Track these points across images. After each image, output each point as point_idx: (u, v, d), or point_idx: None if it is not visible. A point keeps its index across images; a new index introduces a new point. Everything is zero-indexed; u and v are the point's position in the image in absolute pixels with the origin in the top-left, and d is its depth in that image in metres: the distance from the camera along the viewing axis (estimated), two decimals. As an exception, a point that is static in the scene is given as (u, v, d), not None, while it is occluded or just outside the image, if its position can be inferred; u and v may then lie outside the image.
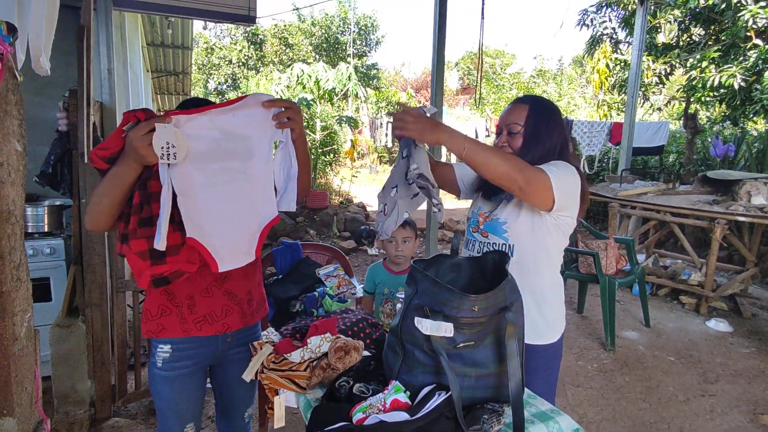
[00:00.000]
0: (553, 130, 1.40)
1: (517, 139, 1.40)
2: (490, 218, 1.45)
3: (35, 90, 2.98)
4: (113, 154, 1.18)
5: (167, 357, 1.39)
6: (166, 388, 1.42)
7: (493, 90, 16.96)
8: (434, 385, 1.10)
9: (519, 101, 1.45)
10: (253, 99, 1.27)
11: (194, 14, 3.39)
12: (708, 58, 5.94)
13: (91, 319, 2.33)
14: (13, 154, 1.30)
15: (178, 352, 1.40)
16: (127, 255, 1.20)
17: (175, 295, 1.37)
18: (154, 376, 1.42)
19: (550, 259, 1.43)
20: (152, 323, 1.38)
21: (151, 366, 1.43)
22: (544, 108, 1.41)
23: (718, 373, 3.15)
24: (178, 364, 1.40)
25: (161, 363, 1.40)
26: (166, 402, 1.43)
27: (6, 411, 1.42)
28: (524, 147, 1.39)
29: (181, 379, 1.42)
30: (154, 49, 6.86)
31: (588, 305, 4.28)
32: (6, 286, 1.31)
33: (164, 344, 1.39)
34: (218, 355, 1.48)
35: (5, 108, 1.26)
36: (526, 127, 1.39)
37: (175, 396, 1.43)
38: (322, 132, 9.12)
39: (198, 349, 1.43)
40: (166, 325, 1.37)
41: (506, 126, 1.43)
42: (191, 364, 1.43)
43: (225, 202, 1.24)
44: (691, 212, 4.17)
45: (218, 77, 17.42)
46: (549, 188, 1.26)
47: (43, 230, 2.75)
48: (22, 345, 1.41)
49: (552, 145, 1.39)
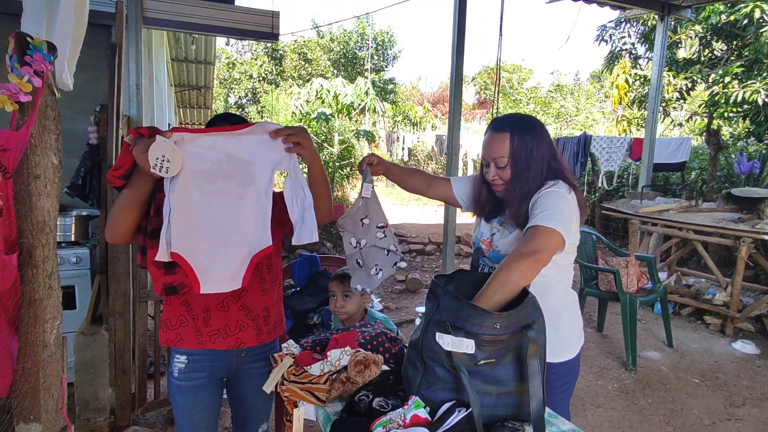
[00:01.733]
0: (540, 146, 1.36)
1: (506, 171, 1.38)
2: (492, 248, 1.46)
3: (66, 104, 3.08)
4: (127, 170, 1.23)
5: (183, 367, 1.43)
6: (182, 397, 1.45)
7: (510, 105, 16.95)
8: (454, 402, 1.09)
9: (497, 130, 1.39)
10: (261, 127, 1.28)
11: (221, 32, 3.50)
12: (731, 73, 5.86)
13: (114, 328, 2.38)
14: (50, 167, 1.35)
15: (193, 363, 1.43)
16: (147, 264, 1.25)
17: (192, 307, 1.41)
18: (171, 385, 1.46)
19: (559, 279, 1.42)
20: (171, 333, 1.42)
21: (169, 375, 1.47)
22: (524, 129, 1.37)
23: (745, 397, 3.04)
24: (193, 374, 1.43)
25: (177, 373, 1.43)
26: (181, 411, 1.46)
27: (33, 416, 1.45)
28: (515, 177, 1.37)
29: (195, 390, 1.45)
30: (178, 64, 7.06)
31: (608, 324, 4.20)
32: (38, 293, 1.35)
33: (181, 354, 1.43)
34: (232, 369, 1.50)
35: (44, 123, 1.32)
36: (512, 157, 1.35)
37: (190, 406, 1.46)
38: (340, 146, 9.22)
39: (212, 362, 1.45)
40: (183, 335, 1.41)
41: (492, 159, 1.39)
42: (205, 375, 1.45)
43: (216, 223, 1.25)
44: (715, 230, 4.08)
45: (239, 91, 17.80)
46: (553, 234, 1.23)
47: (70, 239, 2.83)
48: (51, 352, 1.45)
49: (542, 159, 1.37)
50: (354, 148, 10.19)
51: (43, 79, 1.31)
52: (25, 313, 1.36)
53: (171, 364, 1.45)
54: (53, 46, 1.36)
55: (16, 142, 1.25)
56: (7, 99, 1.23)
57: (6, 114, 1.29)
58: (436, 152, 11.98)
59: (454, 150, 4.09)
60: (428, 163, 14.34)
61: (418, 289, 5.30)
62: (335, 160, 9.25)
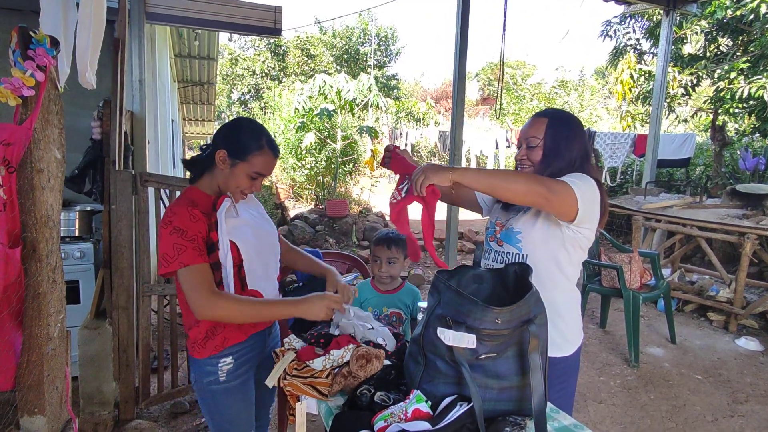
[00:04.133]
0: (573, 142, 1.39)
1: (536, 152, 1.41)
2: (506, 227, 1.46)
3: (69, 99, 3.09)
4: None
5: (231, 368, 1.40)
6: (231, 399, 1.42)
7: (514, 101, 16.89)
8: (456, 396, 1.09)
9: (539, 115, 1.45)
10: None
11: (223, 27, 3.50)
12: (736, 69, 5.82)
13: (118, 322, 2.39)
14: (53, 162, 1.36)
15: (239, 359, 1.43)
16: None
17: None
18: (214, 393, 1.41)
19: (564, 272, 1.41)
20: (218, 338, 1.38)
21: (206, 385, 1.40)
22: (563, 121, 1.42)
23: (748, 394, 3.03)
24: (240, 371, 1.43)
25: (225, 376, 1.40)
26: (229, 415, 1.43)
27: (37, 409, 1.47)
28: (544, 160, 1.40)
29: (243, 386, 1.45)
30: (181, 60, 7.06)
31: (611, 320, 4.19)
32: (42, 287, 1.36)
33: (225, 357, 1.39)
34: (264, 351, 1.53)
35: (47, 117, 1.33)
36: (546, 141, 1.39)
37: (241, 404, 1.45)
38: (343, 141, 9.22)
39: (252, 351, 1.47)
40: (227, 335, 1.39)
41: (525, 140, 1.43)
42: (248, 368, 1.47)
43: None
44: (719, 226, 4.06)
45: (242, 87, 17.81)
46: (574, 198, 1.26)
47: (74, 234, 2.84)
48: (55, 345, 1.47)
49: (572, 157, 1.39)
50: (357, 144, 10.18)
51: (46, 73, 1.31)
52: (29, 306, 1.37)
53: (209, 374, 1.39)
54: (56, 40, 1.36)
55: (19, 136, 1.26)
56: (10, 93, 1.23)
57: (9, 108, 1.30)
58: (440, 148, 11.95)
59: (457, 146, 4.08)
60: (431, 159, 14.32)
61: (421, 284, 5.31)
62: (338, 156, 9.25)
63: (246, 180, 1.35)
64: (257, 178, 1.36)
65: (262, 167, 1.35)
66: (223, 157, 1.34)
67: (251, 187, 1.38)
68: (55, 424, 1.52)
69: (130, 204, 2.35)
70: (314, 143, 8.95)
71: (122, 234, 2.35)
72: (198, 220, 1.29)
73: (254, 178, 1.36)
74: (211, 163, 1.37)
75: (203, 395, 1.43)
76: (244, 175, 1.34)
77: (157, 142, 4.58)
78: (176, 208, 1.30)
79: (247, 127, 1.37)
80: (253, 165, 1.33)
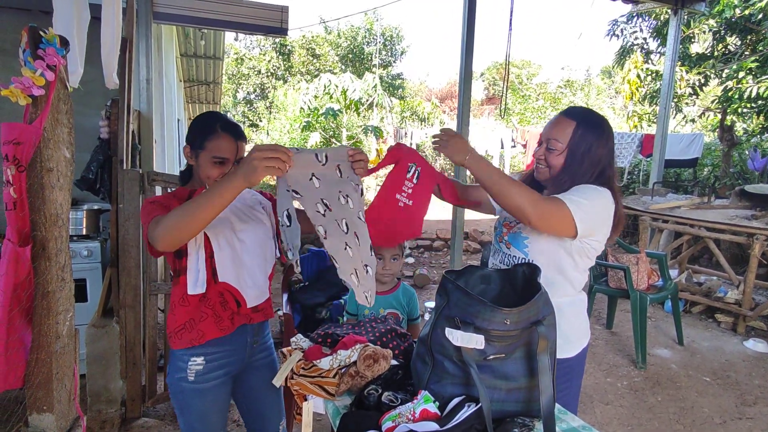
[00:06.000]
0: (599, 148, 1.33)
1: (557, 157, 1.35)
2: (513, 230, 1.44)
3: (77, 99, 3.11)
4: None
5: (200, 369, 1.39)
6: (197, 400, 1.41)
7: (519, 100, 16.83)
8: (464, 397, 1.09)
9: (566, 115, 1.37)
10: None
11: (230, 27, 3.51)
12: (745, 68, 5.77)
13: (125, 321, 2.40)
14: (62, 161, 1.37)
15: (211, 362, 1.40)
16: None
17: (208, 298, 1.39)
18: (183, 390, 1.40)
19: (569, 279, 1.39)
20: (195, 331, 1.37)
21: (177, 381, 1.40)
22: (592, 125, 1.34)
23: (757, 396, 3.01)
24: (211, 375, 1.41)
25: (194, 376, 1.39)
26: (197, 415, 1.42)
27: (46, 407, 1.48)
28: (565, 168, 1.34)
29: (213, 390, 1.42)
30: (187, 60, 7.09)
31: (618, 321, 4.17)
32: (51, 285, 1.37)
33: (197, 356, 1.38)
34: (244, 362, 1.50)
35: (57, 117, 1.33)
36: (570, 147, 1.33)
37: (207, 408, 1.43)
38: (348, 141, 9.23)
39: (229, 357, 1.44)
40: (204, 330, 1.38)
41: (546, 140, 1.38)
42: (222, 374, 1.44)
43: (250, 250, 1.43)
44: (728, 227, 4.02)
45: (247, 87, 17.86)
46: (568, 218, 1.24)
47: (82, 233, 2.86)
48: (64, 343, 1.47)
49: (594, 163, 1.33)
50: (362, 143, 10.19)
51: (55, 72, 1.32)
52: (38, 304, 1.38)
53: (179, 369, 1.38)
54: (65, 40, 1.37)
55: (29, 135, 1.27)
56: (20, 92, 1.24)
57: (19, 107, 1.30)
58: (444, 148, 11.91)
59: (462, 145, 4.06)
60: (437, 158, 14.30)
61: (426, 284, 5.30)
62: (343, 156, 9.25)
63: (211, 167, 1.35)
64: (222, 163, 1.35)
65: (220, 150, 1.35)
66: (188, 151, 1.38)
67: (219, 174, 1.36)
68: (63, 421, 1.53)
69: (137, 203, 2.36)
70: (319, 142, 8.97)
71: (129, 233, 2.36)
72: (175, 199, 1.33)
73: (218, 163, 1.35)
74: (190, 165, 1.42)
75: (172, 389, 1.43)
76: (206, 162, 1.35)
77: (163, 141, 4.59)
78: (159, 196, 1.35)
79: (202, 118, 1.40)
80: (210, 150, 1.34)
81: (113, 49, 1.54)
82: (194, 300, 1.36)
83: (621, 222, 1.36)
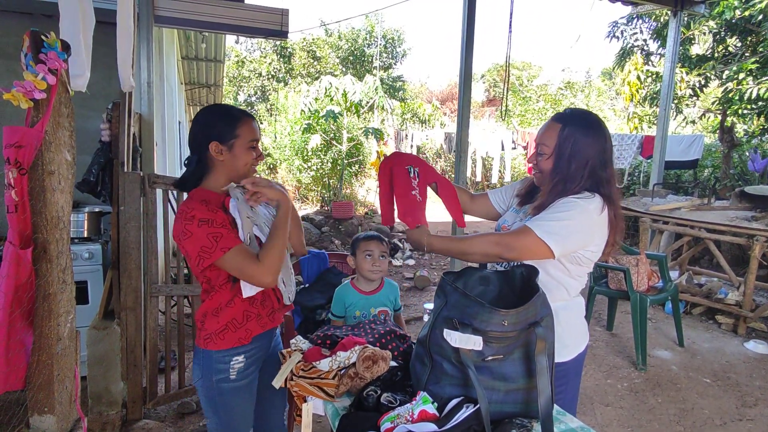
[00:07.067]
0: (586, 148, 1.31)
1: (546, 161, 1.36)
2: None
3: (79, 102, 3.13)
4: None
5: (242, 366, 1.41)
6: (238, 398, 1.43)
7: (520, 102, 16.84)
8: (462, 398, 1.09)
9: (554, 118, 1.38)
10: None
11: (231, 30, 3.52)
12: (745, 69, 5.77)
13: (126, 323, 2.41)
14: (64, 164, 1.38)
15: (249, 358, 1.43)
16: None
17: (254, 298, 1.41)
18: (223, 391, 1.40)
19: (565, 285, 1.39)
20: (241, 330, 1.39)
21: (217, 383, 1.39)
22: (578, 126, 1.32)
23: (757, 397, 3.00)
24: (249, 369, 1.45)
25: (236, 375, 1.40)
26: (238, 413, 1.43)
27: (47, 409, 1.48)
28: (553, 172, 1.34)
29: (250, 386, 1.47)
30: (188, 62, 7.11)
31: (618, 322, 4.16)
32: (53, 287, 1.38)
33: (238, 355, 1.40)
34: (267, 354, 1.54)
35: (58, 120, 1.34)
36: (556, 150, 1.33)
37: (246, 403, 1.46)
38: (349, 143, 9.24)
39: (260, 351, 1.48)
40: (251, 328, 1.41)
41: (537, 145, 1.40)
42: (255, 369, 1.48)
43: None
44: (728, 228, 4.02)
45: (248, 89, 17.88)
46: (538, 244, 1.25)
47: (83, 235, 2.87)
48: (65, 345, 1.48)
49: (582, 165, 1.31)
50: (362, 145, 10.21)
51: (57, 76, 1.33)
52: (39, 306, 1.39)
53: (219, 371, 1.38)
54: (67, 44, 1.38)
55: (31, 138, 1.28)
56: (22, 96, 1.25)
57: (21, 111, 1.32)
58: (445, 150, 11.94)
59: (462, 147, 4.08)
60: (437, 161, 14.31)
61: (426, 286, 5.30)
62: (344, 158, 9.27)
63: (248, 153, 1.38)
64: (255, 146, 1.40)
65: (252, 132, 1.39)
66: (217, 147, 1.35)
67: (256, 158, 1.41)
68: (64, 423, 1.54)
69: (138, 205, 2.37)
70: (320, 145, 8.98)
71: (130, 235, 2.37)
72: (216, 211, 1.31)
73: (252, 147, 1.39)
74: (206, 166, 1.38)
75: (210, 392, 1.41)
76: (243, 149, 1.37)
77: (164, 144, 4.62)
78: (192, 204, 1.29)
79: (215, 112, 1.39)
80: (244, 136, 1.37)
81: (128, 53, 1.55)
82: (240, 301, 1.39)
83: (616, 224, 1.34)
